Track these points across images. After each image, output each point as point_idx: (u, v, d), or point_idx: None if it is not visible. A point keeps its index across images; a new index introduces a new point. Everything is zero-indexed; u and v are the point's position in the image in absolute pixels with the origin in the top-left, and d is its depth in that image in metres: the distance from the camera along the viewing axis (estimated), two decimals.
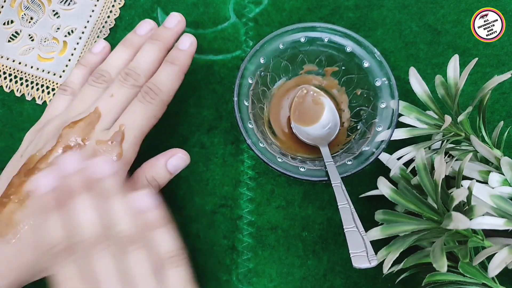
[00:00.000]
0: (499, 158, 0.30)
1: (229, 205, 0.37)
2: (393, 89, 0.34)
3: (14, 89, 0.40)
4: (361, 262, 0.26)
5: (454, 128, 0.32)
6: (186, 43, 0.34)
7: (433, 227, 0.28)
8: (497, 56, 0.40)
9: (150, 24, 0.36)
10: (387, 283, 0.35)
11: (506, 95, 0.40)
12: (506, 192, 0.28)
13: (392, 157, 0.33)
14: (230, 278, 0.36)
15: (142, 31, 0.35)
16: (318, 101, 0.38)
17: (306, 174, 0.32)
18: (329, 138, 0.36)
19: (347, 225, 0.28)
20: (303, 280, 0.36)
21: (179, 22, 0.35)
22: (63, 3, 0.42)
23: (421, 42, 0.41)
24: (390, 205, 0.32)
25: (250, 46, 0.41)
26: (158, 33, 0.35)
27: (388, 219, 0.30)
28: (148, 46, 0.34)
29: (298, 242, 0.36)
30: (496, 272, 0.26)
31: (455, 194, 0.26)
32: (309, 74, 0.38)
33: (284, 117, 0.38)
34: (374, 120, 0.34)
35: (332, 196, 0.33)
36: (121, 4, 0.42)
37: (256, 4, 0.42)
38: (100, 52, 0.36)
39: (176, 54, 0.34)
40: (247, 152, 0.38)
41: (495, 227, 0.27)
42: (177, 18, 0.35)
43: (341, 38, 0.35)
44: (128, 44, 0.35)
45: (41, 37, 0.41)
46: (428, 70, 0.40)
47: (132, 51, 0.34)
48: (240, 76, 0.34)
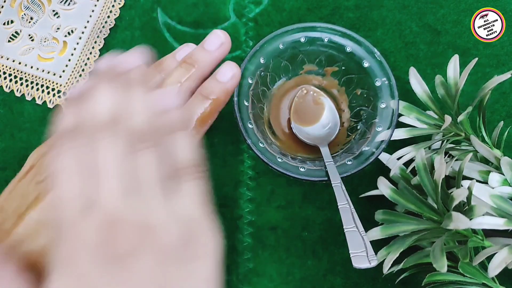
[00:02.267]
0: (499, 158, 0.30)
1: (229, 205, 0.37)
2: (393, 89, 0.34)
3: (14, 89, 0.40)
4: (361, 262, 0.26)
5: (454, 128, 0.32)
6: (228, 74, 0.27)
7: (433, 227, 0.28)
8: (497, 56, 0.40)
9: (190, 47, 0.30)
10: (387, 283, 0.35)
11: (506, 95, 0.40)
12: (506, 192, 0.28)
13: (392, 157, 0.33)
14: (230, 278, 0.36)
15: (181, 56, 0.29)
16: (318, 101, 0.38)
17: (306, 174, 0.32)
18: (329, 138, 0.36)
19: (347, 225, 0.28)
20: (303, 280, 0.36)
21: (223, 44, 0.28)
22: (63, 3, 0.42)
23: (421, 42, 0.41)
24: (390, 205, 0.32)
25: (250, 46, 0.41)
26: (194, 56, 0.28)
27: (388, 219, 0.30)
28: (178, 71, 0.27)
29: (298, 242, 0.36)
30: (496, 272, 0.26)
31: (455, 194, 0.26)
32: (309, 74, 0.38)
33: (284, 117, 0.38)
34: (374, 120, 0.34)
35: (332, 196, 0.33)
36: (121, 4, 0.42)
37: (256, 4, 0.42)
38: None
39: (212, 87, 0.27)
40: (247, 152, 0.38)
41: (495, 227, 0.27)
42: (220, 39, 0.28)
43: (341, 38, 0.35)
44: (162, 69, 0.29)
45: (41, 37, 0.41)
46: (428, 70, 0.40)
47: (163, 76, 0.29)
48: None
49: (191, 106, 0.26)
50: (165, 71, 0.28)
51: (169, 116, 0.22)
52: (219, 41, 0.28)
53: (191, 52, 0.28)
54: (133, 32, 0.41)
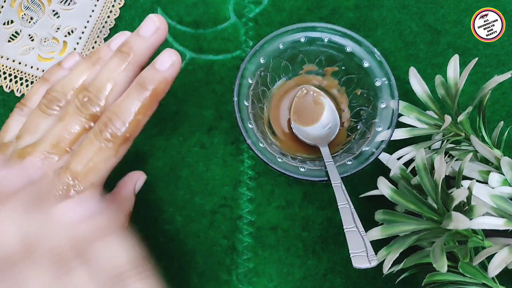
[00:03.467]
0: (499, 158, 0.30)
1: (229, 205, 0.37)
2: (393, 89, 0.34)
3: (14, 89, 0.40)
4: (361, 262, 0.26)
5: (454, 128, 0.32)
6: (166, 62, 0.26)
7: (433, 227, 0.28)
8: (497, 56, 0.40)
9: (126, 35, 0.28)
10: (387, 283, 0.35)
11: (506, 95, 0.40)
12: (506, 192, 0.28)
13: (392, 157, 0.33)
14: (230, 278, 0.36)
15: (116, 43, 0.28)
16: (318, 101, 0.38)
17: (306, 174, 0.32)
18: (329, 138, 0.36)
19: (347, 225, 0.28)
20: (303, 280, 0.36)
21: (158, 29, 0.26)
22: (63, 3, 0.42)
23: (421, 42, 0.41)
24: (390, 205, 0.32)
25: (250, 46, 0.41)
26: (129, 43, 0.26)
27: (388, 219, 0.30)
28: (114, 61, 0.26)
29: (298, 242, 0.36)
30: (496, 272, 0.26)
31: (455, 194, 0.26)
32: (309, 74, 0.38)
33: (284, 117, 0.38)
34: (374, 120, 0.34)
35: (332, 196, 0.33)
36: (121, 4, 0.42)
37: (256, 4, 0.42)
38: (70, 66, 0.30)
39: (150, 76, 0.25)
40: (247, 152, 0.38)
41: (495, 227, 0.27)
42: (155, 23, 0.26)
43: (341, 38, 0.35)
44: (95, 59, 0.28)
45: (41, 37, 0.41)
46: (428, 70, 0.40)
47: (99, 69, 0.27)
48: (240, 76, 0.34)
49: (129, 96, 0.25)
50: (101, 62, 0.27)
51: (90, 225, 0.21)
52: (154, 26, 0.26)
53: (126, 40, 0.27)
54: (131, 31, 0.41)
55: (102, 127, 0.24)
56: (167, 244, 0.36)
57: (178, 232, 0.37)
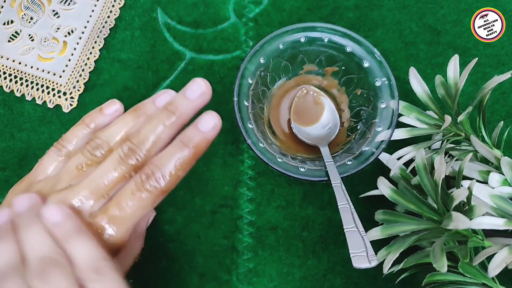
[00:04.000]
0: (499, 158, 0.30)
1: (229, 205, 0.37)
2: (393, 89, 0.34)
3: (14, 89, 0.40)
4: (361, 262, 0.26)
5: (454, 128, 0.32)
6: (209, 124, 0.27)
7: (433, 227, 0.28)
8: (497, 56, 0.40)
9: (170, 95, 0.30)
10: (387, 283, 0.35)
11: (506, 95, 0.40)
12: (506, 192, 0.28)
13: (392, 157, 0.33)
14: (230, 278, 0.36)
15: (162, 101, 0.29)
16: (318, 101, 0.38)
17: (306, 174, 0.32)
18: (329, 138, 0.36)
19: (347, 225, 0.28)
20: (303, 280, 0.36)
21: (203, 94, 0.28)
22: (63, 3, 0.42)
23: (421, 42, 0.41)
24: (390, 205, 0.32)
25: (250, 46, 0.41)
26: (175, 103, 0.28)
27: (388, 219, 0.30)
28: (159, 118, 0.27)
29: (298, 242, 0.36)
30: (496, 272, 0.26)
31: (455, 194, 0.26)
32: (309, 74, 0.38)
33: (284, 117, 0.38)
34: (374, 120, 0.34)
35: (332, 196, 0.33)
36: (121, 4, 0.42)
37: (256, 4, 0.42)
38: (112, 114, 0.31)
39: (192, 135, 0.27)
40: (247, 152, 0.38)
41: (495, 227, 0.27)
42: (201, 88, 0.28)
43: (341, 38, 0.35)
44: (140, 113, 0.29)
45: (41, 37, 0.41)
46: (428, 70, 0.40)
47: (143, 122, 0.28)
48: (240, 76, 0.34)
49: (172, 152, 0.26)
50: (145, 116, 0.29)
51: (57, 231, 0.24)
52: (201, 90, 0.28)
53: (172, 100, 0.28)
54: (133, 32, 0.41)
55: (145, 178, 0.26)
56: (167, 244, 0.36)
57: (178, 232, 0.37)
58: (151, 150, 0.27)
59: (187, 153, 0.26)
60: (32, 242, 0.24)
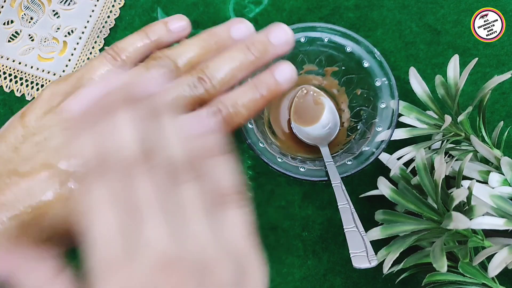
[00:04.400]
0: (499, 158, 0.30)
1: None
2: (393, 89, 0.34)
3: (14, 89, 0.40)
4: (361, 262, 0.26)
5: (454, 128, 0.32)
6: (286, 74, 0.25)
7: (433, 227, 0.28)
8: (497, 56, 0.40)
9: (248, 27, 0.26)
10: (387, 283, 0.35)
11: (506, 95, 0.40)
12: (506, 192, 0.28)
13: (392, 157, 0.33)
14: None
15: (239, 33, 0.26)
16: (318, 101, 0.38)
17: (306, 174, 0.32)
18: (329, 138, 0.36)
19: (347, 225, 0.28)
20: (303, 280, 0.36)
21: (287, 43, 0.25)
22: (63, 3, 0.42)
23: (421, 42, 0.41)
24: (390, 205, 0.32)
25: None
26: (257, 43, 0.25)
27: (388, 219, 0.30)
28: (238, 54, 0.25)
29: (298, 242, 0.36)
30: (496, 272, 0.26)
31: (455, 194, 0.26)
32: (309, 74, 0.38)
33: (284, 117, 0.38)
34: (374, 120, 0.34)
35: (332, 196, 0.33)
36: (121, 4, 0.42)
37: (256, 4, 0.42)
38: (178, 33, 0.27)
39: (268, 83, 0.25)
40: (247, 152, 0.38)
41: (495, 227, 0.27)
42: (287, 35, 0.25)
43: (341, 38, 0.35)
44: (214, 40, 0.26)
45: (41, 37, 0.41)
46: (428, 70, 0.40)
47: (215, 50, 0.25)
48: None
49: (242, 91, 0.24)
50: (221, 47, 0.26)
51: (205, 141, 0.21)
52: (286, 37, 0.25)
53: (254, 39, 0.25)
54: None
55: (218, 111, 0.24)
56: None
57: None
58: (223, 85, 0.24)
59: (259, 97, 0.24)
60: None
